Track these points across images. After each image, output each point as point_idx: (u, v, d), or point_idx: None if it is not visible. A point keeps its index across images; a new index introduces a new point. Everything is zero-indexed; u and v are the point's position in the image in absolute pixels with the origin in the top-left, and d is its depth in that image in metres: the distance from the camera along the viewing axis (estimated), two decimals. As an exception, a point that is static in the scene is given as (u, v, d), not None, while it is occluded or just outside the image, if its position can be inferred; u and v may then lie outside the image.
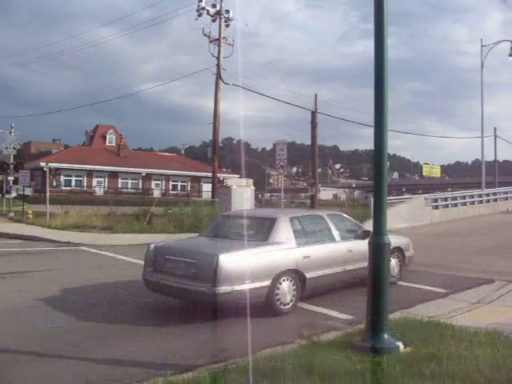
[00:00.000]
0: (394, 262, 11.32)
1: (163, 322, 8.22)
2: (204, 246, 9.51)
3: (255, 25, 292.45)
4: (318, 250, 9.72)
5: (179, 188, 73.15)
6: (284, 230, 9.48)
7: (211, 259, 8.09)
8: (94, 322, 8.13)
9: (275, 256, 8.93)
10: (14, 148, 37.84)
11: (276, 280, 8.66)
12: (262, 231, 9.70)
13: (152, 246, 9.50)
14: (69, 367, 5.93)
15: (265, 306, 8.53)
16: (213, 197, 29.79)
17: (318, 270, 9.50)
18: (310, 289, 9.41)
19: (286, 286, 8.84)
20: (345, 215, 12.18)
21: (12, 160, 37.46)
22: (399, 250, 11.84)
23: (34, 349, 6.55)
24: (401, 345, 6.03)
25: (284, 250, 9.12)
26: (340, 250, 10.23)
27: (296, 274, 9.07)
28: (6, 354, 6.40)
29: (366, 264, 7.11)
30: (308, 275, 9.22)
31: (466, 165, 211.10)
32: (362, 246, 8.59)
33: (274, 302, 8.64)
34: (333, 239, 10.31)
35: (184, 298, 9.00)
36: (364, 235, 10.50)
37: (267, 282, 8.52)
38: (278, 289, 8.69)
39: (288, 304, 8.84)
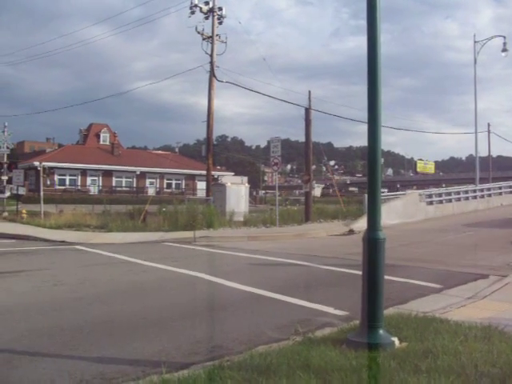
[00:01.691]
0: None
1: (158, 319, 8.21)
2: None
3: (247, 22, 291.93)
4: None
5: (174, 186, 73.24)
6: None
7: None
8: (89, 321, 8.09)
9: None
10: (8, 147, 37.73)
11: None
12: None
13: None
14: (63, 366, 5.91)
15: None
16: (207, 195, 29.74)
17: None
18: None
19: None
20: None
21: (5, 159, 37.35)
22: None
23: (27, 349, 6.51)
24: (396, 340, 6.03)
25: None
26: None
27: None
28: None
29: None
30: None
31: (460, 160, 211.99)
32: None
33: None
34: None
35: None
36: None
37: None
38: None
39: None
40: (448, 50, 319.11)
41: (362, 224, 22.33)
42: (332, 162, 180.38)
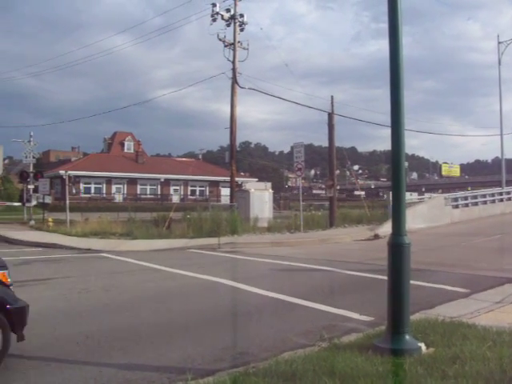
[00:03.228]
0: None
1: (183, 326, 8.23)
2: None
3: (268, 27, 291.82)
4: None
5: (198, 193, 73.41)
6: None
7: None
8: (115, 327, 8.14)
9: None
10: (34, 157, 38.27)
11: None
12: None
13: None
14: (89, 373, 5.94)
15: None
16: (231, 201, 29.76)
17: None
18: None
19: None
20: None
21: (31, 169, 37.90)
22: None
23: (54, 355, 6.57)
24: (423, 346, 5.96)
25: None
26: None
27: None
28: (26, 360, 6.42)
29: None
30: None
31: (485, 163, 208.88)
32: None
33: None
34: None
35: None
36: None
37: None
38: None
39: None
40: (471, 51, 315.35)
41: (387, 229, 22.18)
42: (356, 167, 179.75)
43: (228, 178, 33.05)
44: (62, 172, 46.65)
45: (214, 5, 29.39)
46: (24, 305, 6.37)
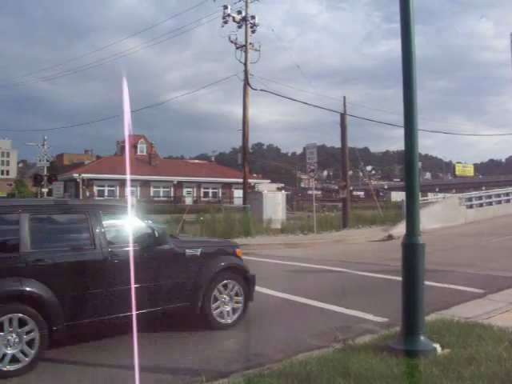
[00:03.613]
0: None
1: (193, 328, 8.23)
2: None
3: (279, 29, 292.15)
4: None
5: (211, 195, 73.46)
6: None
7: None
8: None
9: None
10: (47, 160, 38.50)
11: None
12: None
13: None
14: (100, 375, 5.96)
15: None
16: (244, 203, 29.73)
17: None
18: None
19: None
20: None
21: (45, 172, 38.12)
22: None
23: (56, 358, 6.58)
24: (438, 347, 5.93)
25: None
26: None
27: None
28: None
29: None
30: None
31: (499, 162, 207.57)
32: None
33: None
34: None
35: None
36: None
37: None
38: None
39: None
40: (483, 50, 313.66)
41: (401, 229, 22.07)
42: (369, 167, 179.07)
43: (241, 180, 33.02)
44: (75, 175, 47.02)
45: (225, 7, 29.40)
46: (254, 273, 8.61)
